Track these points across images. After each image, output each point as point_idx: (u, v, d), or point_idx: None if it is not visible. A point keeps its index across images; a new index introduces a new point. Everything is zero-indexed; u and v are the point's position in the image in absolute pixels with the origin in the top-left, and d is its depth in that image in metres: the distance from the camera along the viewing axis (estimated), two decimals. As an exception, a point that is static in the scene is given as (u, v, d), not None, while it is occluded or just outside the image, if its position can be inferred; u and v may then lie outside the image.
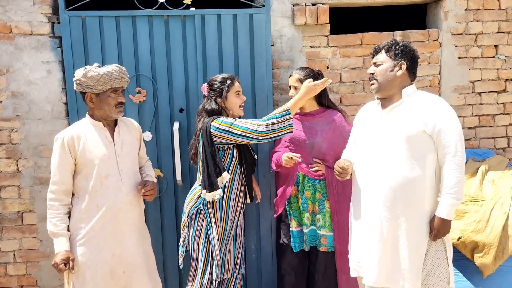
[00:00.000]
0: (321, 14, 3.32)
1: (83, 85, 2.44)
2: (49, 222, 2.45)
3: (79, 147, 2.46)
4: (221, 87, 2.82)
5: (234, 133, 2.69)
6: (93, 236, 2.48)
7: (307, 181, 3.06)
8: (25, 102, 3.18)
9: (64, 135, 2.47)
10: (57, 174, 2.46)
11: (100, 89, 2.44)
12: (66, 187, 2.47)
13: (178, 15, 3.17)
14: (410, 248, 2.45)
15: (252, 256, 3.42)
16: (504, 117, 3.68)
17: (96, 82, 2.42)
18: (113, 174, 2.52)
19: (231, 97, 2.84)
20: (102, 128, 2.54)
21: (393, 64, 2.49)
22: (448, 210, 2.38)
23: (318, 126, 3.06)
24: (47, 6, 3.12)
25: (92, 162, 2.47)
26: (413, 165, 2.42)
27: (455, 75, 3.56)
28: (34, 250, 3.32)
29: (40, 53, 3.15)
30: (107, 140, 2.54)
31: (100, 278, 2.48)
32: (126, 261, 2.55)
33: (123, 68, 2.52)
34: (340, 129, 3.05)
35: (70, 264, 2.40)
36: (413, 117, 2.43)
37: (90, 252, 2.46)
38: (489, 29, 3.56)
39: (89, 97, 2.48)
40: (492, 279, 2.96)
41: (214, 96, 2.82)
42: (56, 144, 2.47)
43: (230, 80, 2.84)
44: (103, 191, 2.49)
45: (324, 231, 3.05)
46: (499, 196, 3.02)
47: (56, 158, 2.46)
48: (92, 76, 2.41)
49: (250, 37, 3.25)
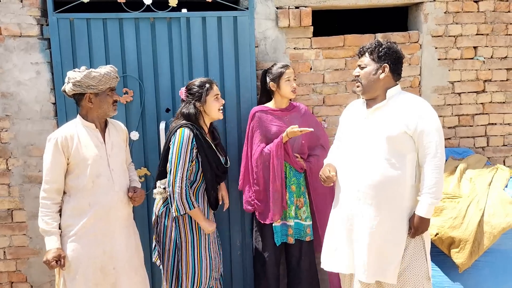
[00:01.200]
0: (304, 17, 3.40)
1: (83, 86, 2.50)
2: (40, 220, 2.51)
3: (72, 147, 2.52)
4: (199, 91, 2.85)
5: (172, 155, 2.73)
6: (85, 232, 2.53)
7: (292, 175, 3.16)
8: (15, 102, 3.25)
9: (58, 135, 2.52)
10: (50, 173, 2.51)
11: (101, 89, 2.53)
12: (58, 186, 2.53)
13: (164, 17, 3.25)
14: (391, 244, 2.52)
15: (237, 252, 3.50)
16: (483, 117, 3.77)
17: (98, 82, 2.51)
18: (105, 173, 2.59)
19: (210, 100, 2.86)
20: (94, 129, 2.61)
21: (376, 67, 2.54)
22: (427, 209, 2.45)
23: (295, 120, 3.17)
24: (36, 9, 3.19)
25: (85, 162, 2.53)
26: (393, 164, 2.49)
27: (435, 76, 3.65)
28: (24, 247, 3.39)
29: (29, 54, 3.22)
30: (98, 141, 2.61)
31: (91, 274, 2.54)
32: (116, 258, 2.61)
33: (115, 68, 2.64)
34: (310, 120, 3.20)
35: (61, 262, 2.46)
36: (395, 118, 2.49)
37: (81, 248, 2.52)
38: (468, 31, 3.65)
39: (88, 98, 2.55)
40: (468, 274, 3.04)
41: (192, 100, 2.85)
42: (50, 144, 2.52)
43: (208, 84, 2.87)
44: (94, 190, 2.55)
45: (309, 221, 3.17)
46: (476, 194, 3.10)
47: (49, 158, 2.51)
48: (95, 76, 2.50)
49: (235, 39, 3.33)
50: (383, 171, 2.50)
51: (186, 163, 2.73)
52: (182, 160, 2.72)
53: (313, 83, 3.54)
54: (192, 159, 2.76)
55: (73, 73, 2.53)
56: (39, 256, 3.37)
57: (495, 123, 3.79)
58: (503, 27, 3.68)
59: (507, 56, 3.72)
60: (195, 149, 2.77)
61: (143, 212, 3.37)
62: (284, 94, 3.17)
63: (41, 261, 3.34)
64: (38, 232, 3.31)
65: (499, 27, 3.68)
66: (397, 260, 2.52)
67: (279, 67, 3.17)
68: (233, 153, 3.37)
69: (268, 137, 3.20)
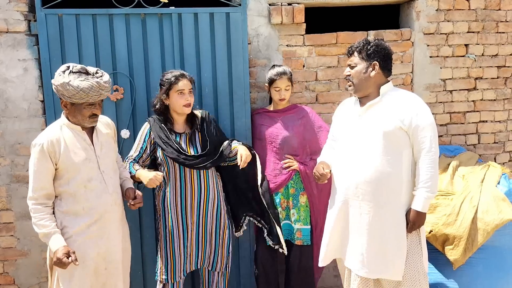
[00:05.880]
0: (297, 14, 3.38)
1: (59, 93, 2.40)
2: (36, 226, 2.39)
3: (60, 153, 2.41)
4: (165, 85, 2.86)
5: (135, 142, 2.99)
6: (79, 235, 2.46)
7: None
8: (1, 100, 3.16)
9: (43, 140, 2.40)
10: (37, 180, 2.40)
11: (76, 102, 2.40)
12: (47, 192, 2.43)
13: (155, 13, 3.20)
14: (391, 240, 2.53)
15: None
16: (474, 115, 3.79)
17: (72, 95, 2.36)
18: (96, 176, 2.51)
19: (173, 96, 2.86)
20: (80, 131, 2.50)
21: (366, 66, 2.57)
22: (423, 203, 2.48)
23: (290, 122, 3.15)
24: (23, 4, 3.11)
25: (74, 166, 2.44)
26: (389, 160, 2.51)
27: (427, 74, 3.66)
28: (12, 249, 3.30)
29: (17, 51, 3.14)
30: (86, 143, 2.51)
31: (85, 276, 2.48)
32: (109, 259, 2.56)
33: (104, 84, 2.42)
34: (311, 124, 3.14)
35: (72, 257, 2.35)
36: (390, 114, 2.51)
37: (77, 250, 2.43)
38: (459, 29, 3.66)
39: (64, 103, 2.45)
40: (462, 270, 3.05)
41: (160, 93, 2.88)
42: (35, 150, 2.40)
43: (175, 78, 2.85)
44: (87, 194, 2.47)
45: (299, 225, 3.12)
46: (469, 191, 3.11)
47: (36, 165, 2.39)
48: (69, 89, 2.33)
49: (227, 35, 3.29)
50: (379, 168, 2.51)
51: (138, 148, 2.96)
52: (135, 144, 2.99)
53: (306, 80, 3.52)
54: (144, 149, 2.95)
55: (57, 74, 2.40)
56: (27, 257, 3.29)
57: (486, 121, 3.82)
58: (493, 25, 3.71)
59: (497, 54, 3.75)
60: (151, 140, 2.95)
61: (134, 212, 3.30)
62: (274, 100, 3.20)
63: (29, 263, 3.30)
64: (26, 233, 3.27)
65: (490, 25, 3.70)
66: (400, 256, 2.53)
67: (274, 74, 3.15)
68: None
69: (259, 138, 3.21)
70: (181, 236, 2.96)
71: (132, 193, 2.69)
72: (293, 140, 3.12)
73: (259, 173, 3.05)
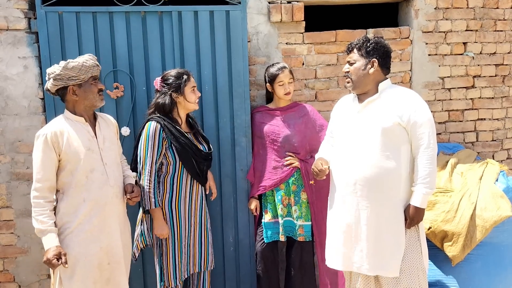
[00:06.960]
0: (296, 12, 3.39)
1: (64, 79, 2.44)
2: (35, 220, 2.41)
3: (63, 143, 2.44)
4: (177, 82, 2.84)
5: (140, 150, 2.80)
6: (81, 229, 2.48)
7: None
8: (2, 97, 3.16)
9: (47, 131, 2.44)
10: (41, 171, 2.42)
11: (83, 78, 2.47)
12: (51, 184, 2.45)
13: (155, 11, 3.20)
14: (390, 236, 2.54)
15: (230, 248, 3.46)
16: (472, 112, 3.81)
17: (78, 71, 2.44)
18: (98, 168, 2.53)
19: (187, 92, 2.87)
20: (84, 123, 2.55)
21: (365, 62, 2.59)
22: (422, 199, 2.50)
23: (291, 120, 3.16)
24: (23, 2, 3.11)
25: (77, 157, 2.47)
26: (388, 156, 2.52)
27: (425, 72, 3.68)
28: (12, 246, 3.30)
29: (17, 48, 3.14)
30: (89, 135, 2.55)
31: (88, 271, 2.49)
32: (111, 253, 2.57)
33: (94, 56, 2.58)
34: (313, 122, 3.16)
35: (63, 259, 2.37)
36: (388, 110, 2.53)
37: (78, 246, 2.46)
38: (458, 27, 3.68)
39: (72, 90, 2.49)
40: (461, 267, 3.07)
41: (169, 91, 2.85)
42: (39, 141, 2.43)
43: (186, 75, 2.88)
44: (89, 185, 2.50)
45: (301, 221, 3.14)
46: (467, 188, 3.13)
47: (40, 155, 2.42)
48: (74, 66, 2.43)
49: (227, 33, 3.30)
50: (378, 164, 2.52)
51: (154, 156, 2.77)
52: (149, 154, 2.76)
53: (305, 78, 3.54)
54: (161, 152, 2.78)
55: (52, 68, 2.47)
56: (27, 255, 3.29)
57: (484, 119, 3.84)
58: (491, 23, 3.73)
59: (495, 52, 3.77)
60: (165, 140, 2.79)
61: (134, 209, 3.30)
62: (279, 97, 3.19)
63: (29, 260, 3.30)
64: (26, 231, 3.26)
65: (488, 23, 3.72)
66: (398, 252, 2.53)
67: (275, 70, 3.17)
68: (225, 148, 3.34)
69: (260, 136, 3.22)
70: (189, 237, 2.93)
71: (130, 188, 2.70)
72: (294, 138, 3.14)
73: None
